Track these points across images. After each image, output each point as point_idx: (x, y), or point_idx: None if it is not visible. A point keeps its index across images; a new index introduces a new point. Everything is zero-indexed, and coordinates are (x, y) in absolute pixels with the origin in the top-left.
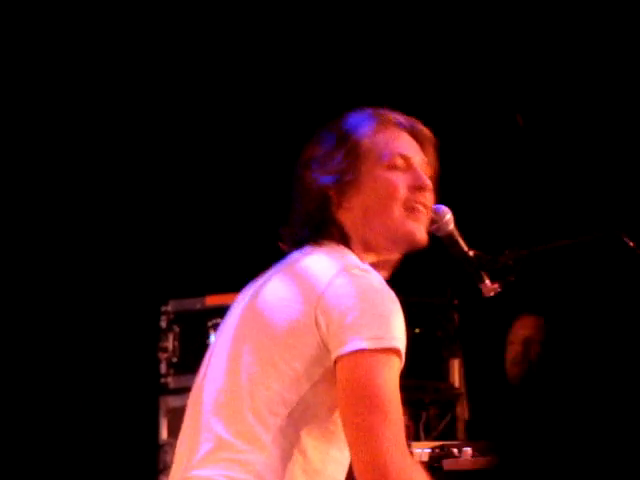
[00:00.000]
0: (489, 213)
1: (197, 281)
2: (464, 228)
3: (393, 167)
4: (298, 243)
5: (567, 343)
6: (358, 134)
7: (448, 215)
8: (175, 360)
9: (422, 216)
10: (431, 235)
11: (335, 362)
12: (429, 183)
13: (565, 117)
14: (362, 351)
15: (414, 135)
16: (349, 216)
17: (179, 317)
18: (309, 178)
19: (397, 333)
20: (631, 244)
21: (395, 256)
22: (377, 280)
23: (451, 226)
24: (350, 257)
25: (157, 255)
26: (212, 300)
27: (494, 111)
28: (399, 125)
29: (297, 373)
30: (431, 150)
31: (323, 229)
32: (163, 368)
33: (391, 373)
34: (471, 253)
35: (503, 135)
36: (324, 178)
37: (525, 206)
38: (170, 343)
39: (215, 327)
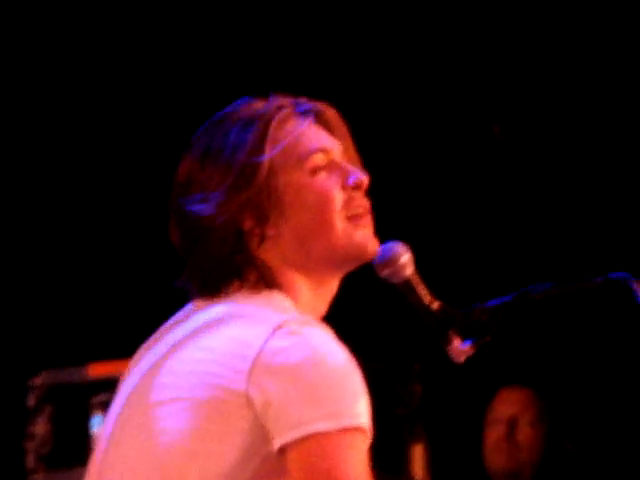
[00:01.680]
0: (459, 252)
1: (76, 346)
2: (427, 273)
3: (316, 169)
4: (205, 293)
5: (565, 423)
6: (256, 139)
7: (405, 256)
8: (46, 451)
9: (368, 220)
10: (383, 282)
11: (281, 451)
12: (365, 177)
13: (553, 131)
14: (318, 435)
15: (321, 121)
16: (277, 248)
17: (53, 393)
18: (204, 214)
19: (360, 406)
20: None
21: (336, 282)
22: (324, 336)
23: (409, 270)
24: (283, 305)
25: (24, 316)
26: (96, 370)
27: (467, 126)
28: (300, 113)
29: (226, 468)
30: (346, 134)
31: (238, 276)
32: (31, 461)
33: (358, 458)
34: (435, 305)
35: (477, 151)
36: (226, 209)
37: (505, 243)
38: (40, 428)
39: (101, 406)
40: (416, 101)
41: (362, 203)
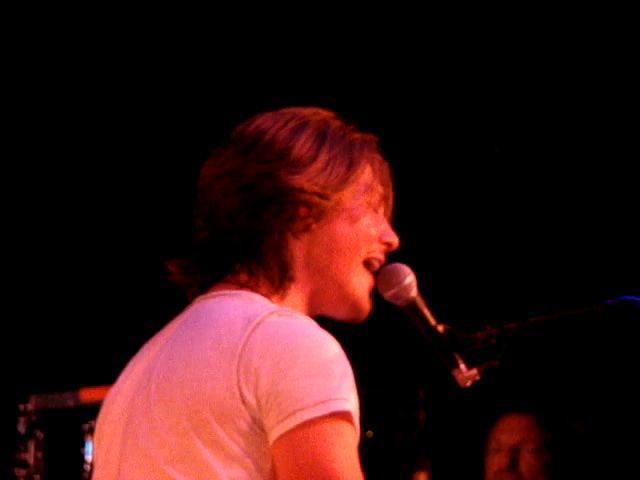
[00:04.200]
0: (464, 274)
1: (68, 371)
2: (431, 295)
3: (374, 207)
4: (209, 277)
5: (572, 451)
6: (355, 149)
7: (409, 277)
8: (38, 478)
9: (371, 277)
10: (388, 304)
11: (273, 446)
12: (397, 241)
13: (553, 151)
14: (305, 424)
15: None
16: (308, 246)
17: (43, 418)
18: (283, 176)
19: (346, 392)
20: None
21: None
22: (307, 323)
23: (413, 292)
24: (263, 301)
25: (14, 339)
26: (89, 395)
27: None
28: (377, 149)
29: (237, 474)
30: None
31: (258, 259)
32: None
33: (346, 446)
34: (440, 328)
35: (477, 171)
36: (301, 182)
37: (511, 266)
38: (31, 455)
39: (93, 432)
40: (417, 121)
41: (380, 257)
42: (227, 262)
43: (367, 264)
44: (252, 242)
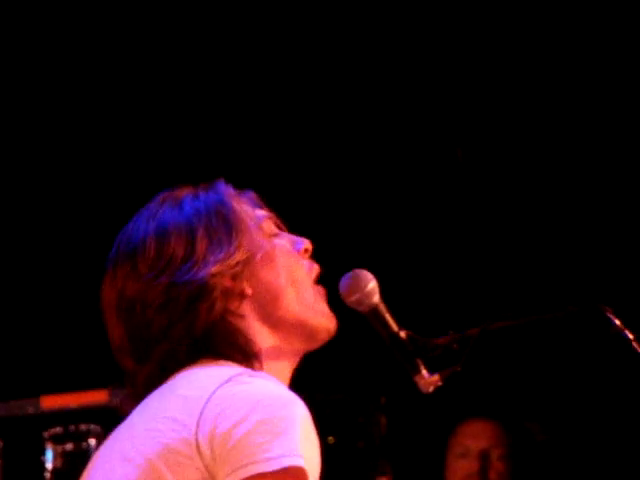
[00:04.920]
0: (426, 281)
1: (28, 378)
2: (393, 301)
3: (273, 234)
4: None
5: (533, 456)
6: (224, 204)
7: (372, 283)
8: None
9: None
10: (348, 309)
11: None
12: (309, 242)
13: (516, 155)
14: (256, 477)
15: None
16: (253, 306)
17: (3, 426)
18: (197, 278)
19: (301, 449)
20: (617, 322)
21: (297, 357)
22: (272, 384)
23: (376, 298)
24: (238, 367)
25: None
26: (49, 402)
27: (430, 148)
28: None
29: None
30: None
31: (221, 350)
32: None
33: None
34: (402, 334)
35: (441, 175)
36: (206, 271)
37: (473, 270)
38: None
39: (54, 439)
40: (379, 124)
41: (317, 271)
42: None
43: (315, 284)
44: (205, 343)
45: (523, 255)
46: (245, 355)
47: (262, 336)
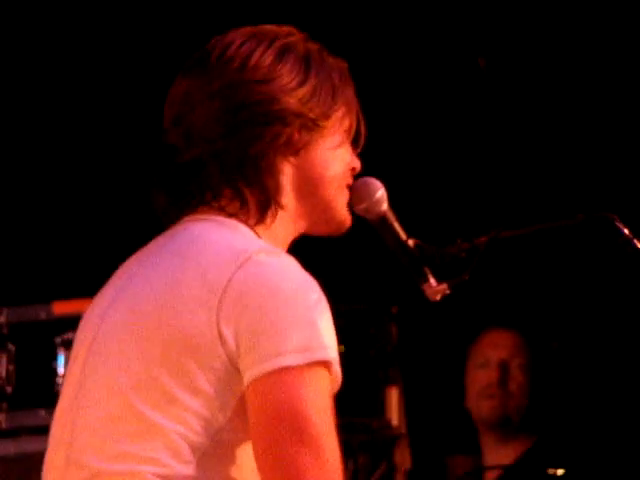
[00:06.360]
0: (435, 188)
1: (40, 284)
2: (402, 209)
3: (347, 135)
4: (185, 201)
5: (550, 368)
6: (335, 76)
7: (380, 191)
8: (10, 391)
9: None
10: (357, 219)
11: (247, 387)
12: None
13: (541, 64)
14: (283, 370)
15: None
16: (298, 174)
17: (16, 331)
18: (278, 99)
19: (327, 339)
20: (626, 231)
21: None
22: (294, 267)
23: (384, 206)
24: (251, 236)
25: None
26: (61, 308)
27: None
28: (349, 76)
29: (203, 409)
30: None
31: (256, 180)
32: None
33: (323, 396)
34: (411, 242)
35: (457, 83)
36: (297, 106)
37: (484, 179)
38: (3, 367)
39: (65, 345)
40: (399, 34)
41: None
42: (216, 186)
43: (344, 188)
44: (248, 165)
45: (534, 164)
46: (273, 201)
47: (287, 199)
